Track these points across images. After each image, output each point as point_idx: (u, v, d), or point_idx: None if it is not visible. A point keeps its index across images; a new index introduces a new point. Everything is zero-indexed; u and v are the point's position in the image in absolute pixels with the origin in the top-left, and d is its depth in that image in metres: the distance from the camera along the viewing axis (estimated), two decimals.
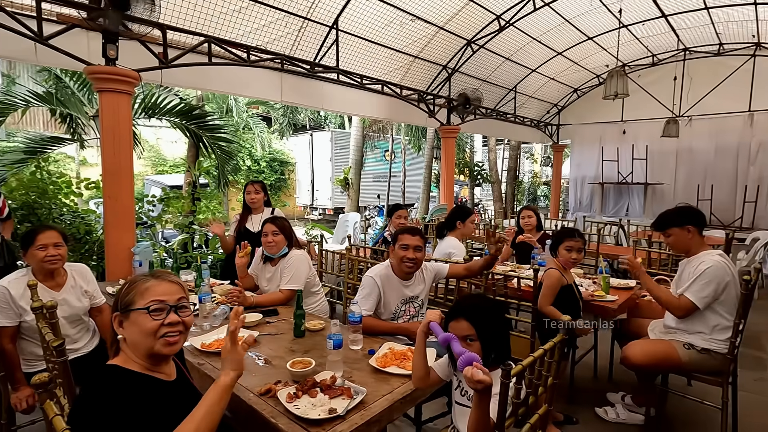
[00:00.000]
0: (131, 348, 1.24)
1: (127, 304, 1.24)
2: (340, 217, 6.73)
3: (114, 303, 1.29)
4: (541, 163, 17.28)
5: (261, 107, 14.04)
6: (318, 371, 1.70)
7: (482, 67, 6.89)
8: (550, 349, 1.47)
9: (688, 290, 2.31)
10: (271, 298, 2.64)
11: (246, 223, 3.56)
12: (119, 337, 1.25)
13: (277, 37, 4.64)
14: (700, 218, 2.50)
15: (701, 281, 2.29)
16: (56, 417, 0.99)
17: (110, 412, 1.05)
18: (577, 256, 2.53)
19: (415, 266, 2.30)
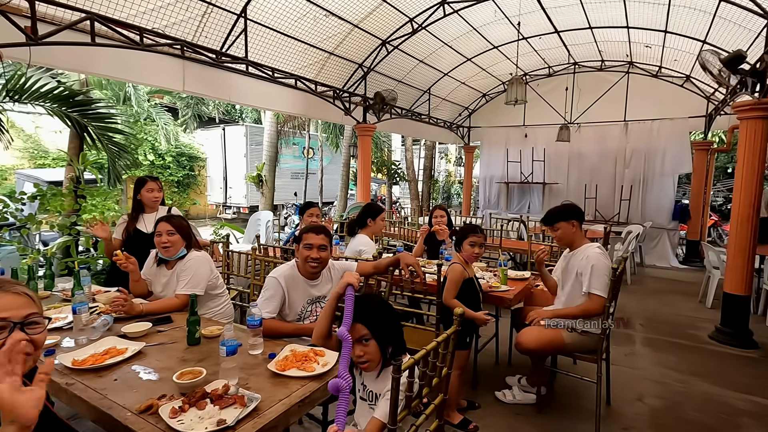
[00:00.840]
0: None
1: None
2: (252, 216, 6.43)
3: None
4: (455, 163, 18.21)
5: (166, 97, 12.91)
6: (210, 381, 1.59)
7: (397, 67, 7.03)
8: (443, 340, 1.53)
9: (593, 287, 2.57)
10: (164, 305, 2.42)
11: (137, 223, 3.22)
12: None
13: (177, 22, 4.28)
14: (581, 214, 2.82)
15: (598, 274, 2.57)
16: None
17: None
18: (479, 251, 2.68)
19: (320, 266, 2.25)
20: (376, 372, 1.51)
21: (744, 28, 4.78)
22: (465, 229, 2.74)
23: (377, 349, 1.47)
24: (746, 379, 3.42)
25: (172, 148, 12.99)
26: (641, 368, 3.59)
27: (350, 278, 1.65)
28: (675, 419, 2.84)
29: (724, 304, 4.28)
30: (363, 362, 1.48)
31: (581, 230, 2.84)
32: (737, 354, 3.93)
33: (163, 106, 11.94)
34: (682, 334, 4.38)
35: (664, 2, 5.24)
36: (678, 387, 3.28)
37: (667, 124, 7.87)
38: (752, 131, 4.02)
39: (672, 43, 6.41)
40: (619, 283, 2.75)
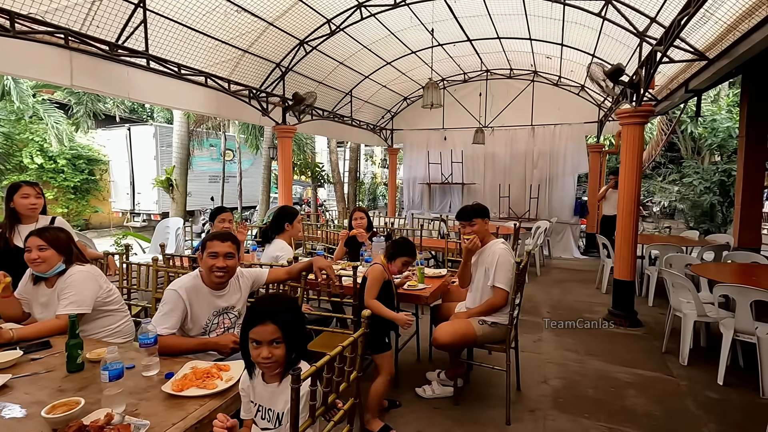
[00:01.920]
0: None
1: None
2: (159, 224, 5.93)
3: None
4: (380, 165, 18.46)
5: (57, 93, 11.47)
6: (90, 410, 1.41)
7: (318, 68, 6.94)
8: (350, 344, 1.51)
9: (497, 281, 2.74)
10: (41, 328, 2.12)
11: (12, 236, 2.80)
12: None
13: (60, 8, 3.80)
14: (489, 213, 3.00)
15: (502, 270, 2.73)
16: None
17: None
18: (406, 271, 2.88)
19: (226, 275, 2.12)
20: (277, 381, 1.43)
21: (623, 44, 5.42)
22: (404, 248, 2.70)
23: (284, 354, 1.39)
24: (631, 355, 3.86)
25: (66, 149, 11.54)
26: (546, 353, 3.90)
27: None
28: (573, 396, 3.12)
29: (615, 289, 4.81)
30: (267, 365, 1.39)
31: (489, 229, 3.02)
32: (625, 333, 4.43)
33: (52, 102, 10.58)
34: (580, 318, 4.84)
35: (559, 18, 5.77)
36: (576, 367, 3.61)
37: (566, 128, 8.68)
38: (632, 135, 4.56)
39: (568, 55, 7.08)
40: (524, 275, 2.95)
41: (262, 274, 2.42)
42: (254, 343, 1.39)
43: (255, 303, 1.50)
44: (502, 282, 2.73)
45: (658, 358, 3.77)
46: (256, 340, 1.38)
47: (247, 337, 1.40)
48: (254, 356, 1.39)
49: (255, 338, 1.38)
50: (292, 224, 3.34)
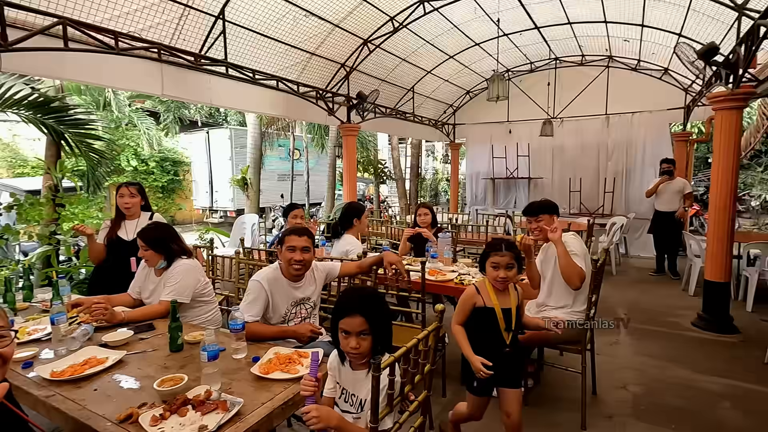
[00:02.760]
0: None
1: None
2: (237, 220, 6.37)
3: None
4: (441, 161, 18.27)
5: (147, 101, 12.72)
6: (192, 387, 1.58)
7: (380, 66, 7.03)
8: (423, 337, 1.54)
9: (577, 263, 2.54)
10: (146, 312, 2.40)
11: (119, 230, 3.17)
12: None
13: (153, 25, 4.21)
14: (558, 210, 2.87)
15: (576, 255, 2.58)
16: None
17: None
18: (506, 275, 2.01)
19: (303, 268, 2.25)
20: (365, 371, 1.49)
21: (717, 20, 4.88)
22: (487, 246, 2.13)
23: (371, 345, 1.45)
24: (725, 364, 3.50)
25: (156, 153, 12.79)
26: (623, 357, 3.66)
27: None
28: (655, 405, 2.90)
29: (706, 291, 4.38)
30: (355, 354, 1.46)
31: None
32: (717, 340, 4.03)
33: (144, 111, 11.76)
34: (663, 322, 4.47)
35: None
36: (658, 373, 3.35)
37: (646, 116, 8.00)
38: (727, 122, 4.11)
39: (649, 36, 6.52)
40: (601, 274, 2.80)
41: (335, 267, 2.52)
42: (343, 333, 1.47)
43: (343, 296, 1.58)
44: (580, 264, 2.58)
45: (759, 370, 3.39)
46: (345, 330, 1.46)
47: (337, 326, 1.48)
48: (343, 345, 1.47)
49: (344, 328, 1.46)
50: (360, 219, 3.44)
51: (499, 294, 2.06)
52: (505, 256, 2.01)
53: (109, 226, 3.21)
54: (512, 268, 2.02)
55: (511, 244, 2.08)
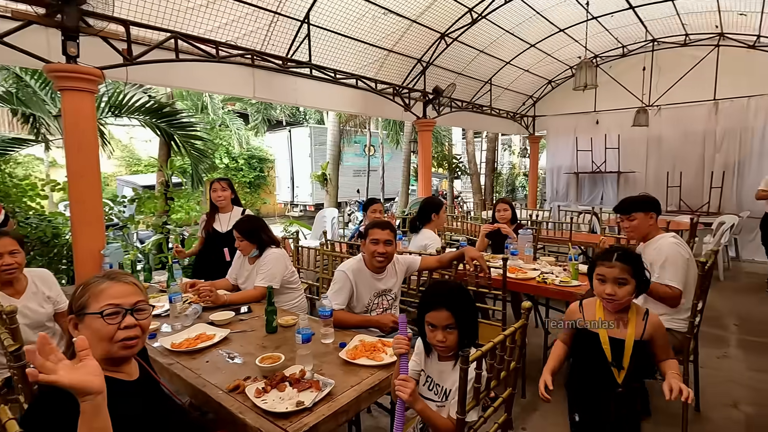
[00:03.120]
0: None
1: (81, 306, 1.21)
2: (318, 214, 6.71)
3: (68, 305, 1.27)
4: (519, 155, 17.51)
5: (237, 104, 13.82)
6: (287, 366, 1.72)
7: (457, 59, 6.93)
8: (511, 333, 1.52)
9: (666, 278, 2.33)
10: (244, 296, 2.64)
11: (214, 223, 3.51)
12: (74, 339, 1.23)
13: (247, 33, 4.58)
14: (659, 207, 2.62)
15: (672, 265, 2.35)
16: (9, 421, 0.97)
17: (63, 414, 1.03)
18: (613, 291, 1.61)
19: (386, 260, 2.32)
20: (451, 363, 1.51)
21: None
22: (596, 255, 1.78)
23: (457, 339, 1.46)
24: None
25: (244, 151, 13.89)
26: (733, 371, 3.25)
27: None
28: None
29: None
30: (441, 348, 1.47)
31: (657, 224, 2.63)
32: None
33: (235, 113, 12.81)
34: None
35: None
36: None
37: (766, 100, 6.96)
38: None
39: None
40: (708, 278, 2.52)
41: (415, 261, 2.57)
42: (430, 326, 1.48)
43: (429, 289, 1.59)
44: (673, 279, 2.35)
45: None
46: (432, 323, 1.48)
47: (423, 319, 1.51)
48: (430, 338, 1.49)
49: (431, 322, 1.48)
50: (439, 214, 3.45)
51: (610, 316, 1.66)
52: (614, 268, 1.61)
53: (205, 220, 3.56)
54: (624, 284, 1.60)
55: (627, 254, 1.65)
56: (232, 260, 3.41)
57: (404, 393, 1.35)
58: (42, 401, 1.08)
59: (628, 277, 1.61)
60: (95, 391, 0.97)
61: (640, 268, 1.64)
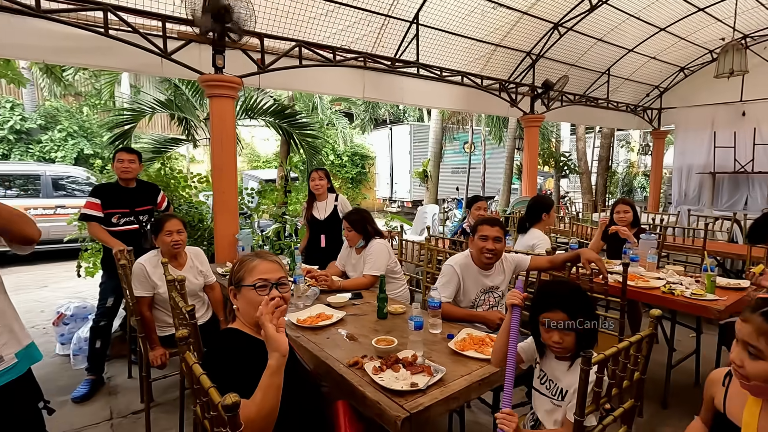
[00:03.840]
0: (243, 316, 1.47)
1: (239, 280, 1.47)
2: (419, 210, 6.84)
3: (229, 278, 1.54)
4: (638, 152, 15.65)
5: (343, 104, 14.62)
6: (400, 349, 1.83)
7: (570, 50, 6.49)
8: (637, 342, 1.44)
9: None
10: (354, 283, 2.85)
11: (312, 210, 3.82)
12: (234, 306, 1.49)
13: (360, 36, 4.85)
14: None
15: None
16: (195, 364, 1.22)
17: (233, 362, 1.29)
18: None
19: (494, 257, 2.32)
20: (567, 363, 1.48)
21: None
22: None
23: (574, 339, 1.42)
24: None
25: (348, 148, 14.70)
26: None
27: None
28: None
29: None
30: (558, 349, 1.44)
31: None
32: None
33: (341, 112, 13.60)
34: None
35: None
36: None
37: None
38: None
39: None
40: None
41: (525, 260, 2.52)
42: (545, 327, 1.45)
43: (544, 288, 1.56)
44: None
45: None
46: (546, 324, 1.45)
47: (535, 320, 1.50)
48: (545, 338, 1.46)
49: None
50: (549, 214, 3.31)
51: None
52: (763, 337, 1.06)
53: (305, 207, 3.90)
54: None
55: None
56: (327, 246, 3.72)
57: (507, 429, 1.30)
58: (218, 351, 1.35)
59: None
60: (283, 351, 1.24)
61: None
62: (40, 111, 10.63)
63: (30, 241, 1.45)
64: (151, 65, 3.61)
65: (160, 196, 3.42)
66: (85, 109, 11.25)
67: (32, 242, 1.46)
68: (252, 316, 1.42)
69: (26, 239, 1.42)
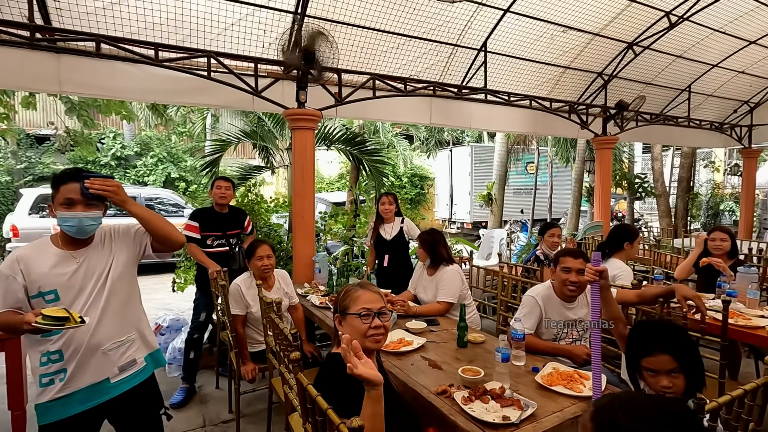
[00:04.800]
0: None
1: (344, 308, 1.59)
2: (485, 234, 6.76)
3: (334, 306, 1.67)
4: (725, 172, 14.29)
5: (403, 126, 14.92)
6: (486, 380, 1.85)
7: (646, 68, 6.22)
8: (752, 390, 1.36)
9: None
10: (429, 309, 2.90)
11: (379, 230, 3.97)
12: (340, 333, 1.62)
13: (428, 66, 5.02)
14: None
15: None
16: (309, 385, 1.35)
17: (341, 386, 1.39)
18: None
19: (578, 290, 2.28)
20: None
21: None
22: None
23: (684, 383, 1.36)
24: None
25: (408, 170, 14.91)
26: None
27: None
28: None
29: None
30: (669, 393, 1.41)
31: None
32: None
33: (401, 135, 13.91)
34: None
35: None
36: None
37: None
38: None
39: None
40: None
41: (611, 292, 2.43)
42: (649, 371, 1.40)
43: (644, 330, 1.50)
44: None
45: None
46: (651, 369, 1.39)
47: (636, 364, 1.45)
48: (651, 384, 1.41)
49: (650, 367, 1.39)
50: (632, 244, 3.16)
51: None
52: None
53: (372, 228, 4.04)
54: None
55: None
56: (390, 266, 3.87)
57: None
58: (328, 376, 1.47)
59: None
60: (378, 383, 1.28)
61: None
62: (137, 139, 11.97)
63: (177, 246, 1.84)
64: (244, 101, 4.00)
65: (247, 220, 3.73)
66: (173, 137, 12.50)
67: (178, 247, 1.86)
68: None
69: (174, 244, 1.81)
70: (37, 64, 3.30)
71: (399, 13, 4.27)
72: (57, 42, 3.25)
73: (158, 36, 3.59)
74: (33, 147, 11.17)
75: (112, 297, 1.69)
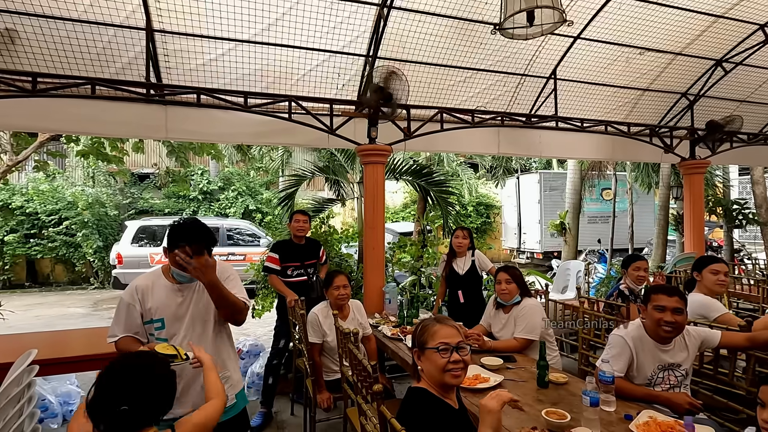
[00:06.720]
0: (427, 377, 1.59)
1: (422, 343, 1.61)
2: (560, 265, 6.41)
3: (412, 341, 1.70)
4: None
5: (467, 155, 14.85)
6: (573, 425, 1.75)
7: (738, 85, 5.71)
8: None
9: None
10: (505, 345, 2.80)
11: (451, 264, 3.91)
12: (419, 368, 1.63)
13: (496, 97, 5.03)
14: None
15: None
16: (392, 419, 1.37)
17: (424, 421, 1.40)
18: None
19: (674, 331, 2.08)
20: None
21: None
22: None
23: None
24: None
25: (473, 198, 14.70)
26: None
27: None
28: None
29: None
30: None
31: None
32: None
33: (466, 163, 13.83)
34: None
35: None
36: None
37: None
38: None
39: None
40: None
41: (713, 335, 2.20)
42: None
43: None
44: None
45: None
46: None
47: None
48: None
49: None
50: (701, 274, 2.83)
51: None
52: None
53: (445, 261, 3.99)
54: None
55: None
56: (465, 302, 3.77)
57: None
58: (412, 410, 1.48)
59: None
60: (495, 410, 1.42)
61: None
62: (221, 175, 13.14)
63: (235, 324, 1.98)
64: (320, 140, 4.29)
65: (321, 250, 3.91)
66: (252, 172, 13.53)
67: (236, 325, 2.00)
68: (436, 378, 1.54)
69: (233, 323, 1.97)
70: (149, 115, 3.83)
71: (466, 48, 4.38)
72: (166, 96, 3.76)
73: (247, 85, 4.01)
74: (136, 184, 12.73)
75: (209, 333, 1.87)
